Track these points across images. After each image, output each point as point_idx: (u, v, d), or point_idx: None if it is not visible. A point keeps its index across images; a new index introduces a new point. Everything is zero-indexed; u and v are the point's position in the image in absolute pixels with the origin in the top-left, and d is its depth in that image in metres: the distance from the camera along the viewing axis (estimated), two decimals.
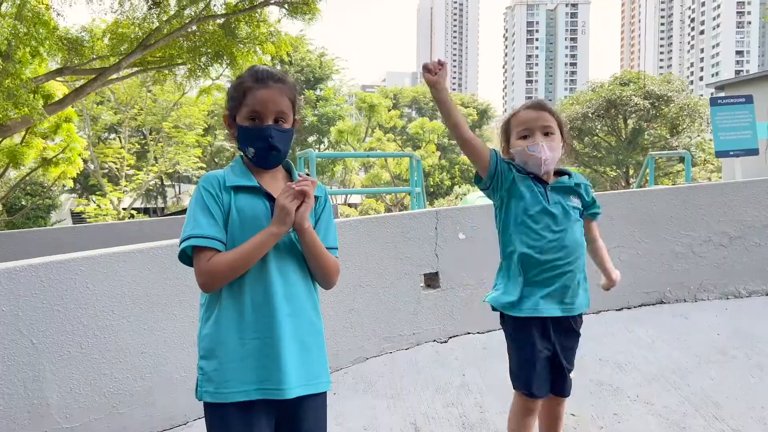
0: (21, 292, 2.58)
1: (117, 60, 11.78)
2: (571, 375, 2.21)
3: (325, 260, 1.69)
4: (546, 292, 2.11)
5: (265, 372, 1.57)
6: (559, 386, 2.21)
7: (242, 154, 1.73)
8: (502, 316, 2.24)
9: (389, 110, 35.63)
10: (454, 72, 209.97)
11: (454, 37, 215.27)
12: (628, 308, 4.51)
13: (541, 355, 2.13)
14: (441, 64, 2.07)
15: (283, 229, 1.58)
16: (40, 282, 2.63)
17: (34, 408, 2.61)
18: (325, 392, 1.70)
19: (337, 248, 1.78)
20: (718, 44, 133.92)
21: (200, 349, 1.63)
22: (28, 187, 22.36)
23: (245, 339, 1.58)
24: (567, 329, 2.20)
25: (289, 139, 1.70)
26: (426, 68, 2.07)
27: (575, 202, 2.17)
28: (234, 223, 1.61)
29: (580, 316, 2.23)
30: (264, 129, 1.65)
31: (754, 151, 8.37)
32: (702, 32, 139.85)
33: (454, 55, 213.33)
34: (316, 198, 1.70)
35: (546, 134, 2.10)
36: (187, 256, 1.61)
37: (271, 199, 1.65)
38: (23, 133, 15.41)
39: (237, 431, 1.57)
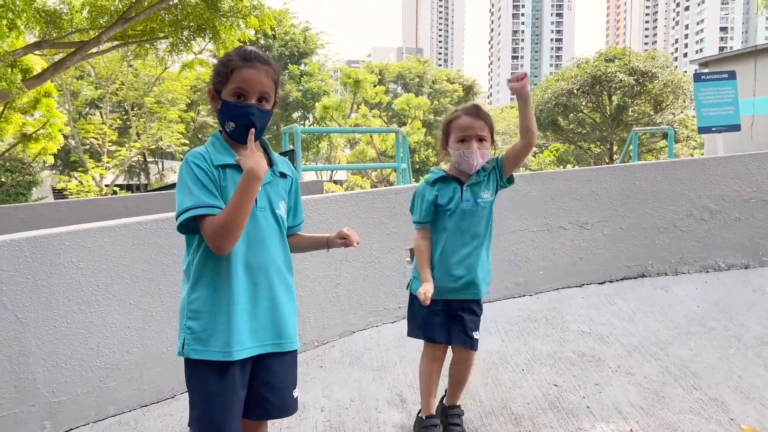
0: (4, 267, 2.56)
1: (96, 33, 11.53)
2: (476, 335, 2.52)
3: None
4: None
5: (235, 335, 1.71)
6: (458, 338, 2.52)
7: (221, 129, 1.82)
8: None
9: (375, 86, 35.20)
10: (440, 47, 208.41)
11: (440, 12, 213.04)
12: (611, 282, 4.58)
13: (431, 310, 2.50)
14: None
15: (254, 164, 1.63)
16: (24, 257, 2.61)
17: (21, 383, 2.61)
18: (295, 350, 1.89)
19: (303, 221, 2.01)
20: (702, 20, 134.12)
21: (188, 310, 1.73)
22: (7, 164, 22.02)
23: (231, 303, 1.70)
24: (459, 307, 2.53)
25: (267, 120, 1.79)
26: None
27: (486, 196, 2.47)
28: (225, 200, 1.69)
29: (472, 301, 2.53)
30: (247, 106, 1.72)
31: (736, 127, 8.44)
32: (687, 8, 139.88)
33: (440, 30, 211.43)
34: (285, 175, 1.88)
35: (480, 140, 2.42)
36: (185, 228, 1.69)
37: None
38: (1, 108, 15.12)
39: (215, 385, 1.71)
